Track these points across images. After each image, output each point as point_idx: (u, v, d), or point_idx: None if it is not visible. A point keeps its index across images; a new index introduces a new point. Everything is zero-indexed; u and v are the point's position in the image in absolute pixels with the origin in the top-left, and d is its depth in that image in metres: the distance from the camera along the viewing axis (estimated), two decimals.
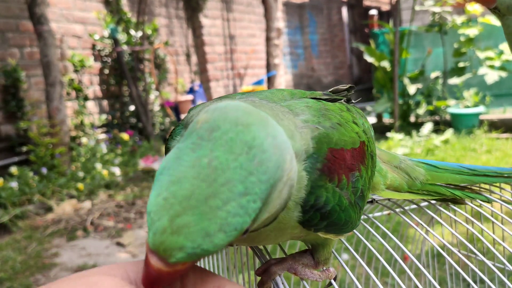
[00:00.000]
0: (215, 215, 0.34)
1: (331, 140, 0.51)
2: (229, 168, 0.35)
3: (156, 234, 0.34)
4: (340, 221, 0.52)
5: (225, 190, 0.34)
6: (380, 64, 6.79)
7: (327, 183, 0.49)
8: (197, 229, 0.34)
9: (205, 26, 8.15)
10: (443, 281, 1.84)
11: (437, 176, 0.77)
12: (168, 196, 0.34)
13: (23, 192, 4.19)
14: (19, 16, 5.26)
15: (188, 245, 0.34)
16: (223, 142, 0.36)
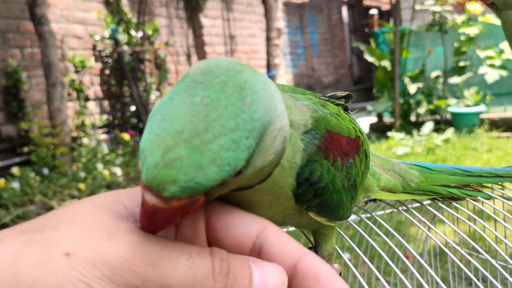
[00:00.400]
0: (207, 149, 0.34)
1: (329, 123, 0.53)
2: (220, 106, 0.35)
3: (149, 170, 0.34)
4: (332, 202, 0.53)
5: (217, 125, 0.35)
6: (381, 63, 6.79)
7: (323, 160, 0.50)
8: (190, 162, 0.34)
9: (205, 26, 8.16)
10: (445, 280, 1.84)
11: (431, 177, 0.77)
12: (160, 132, 0.34)
13: (25, 192, 4.19)
14: (20, 17, 5.27)
15: (181, 178, 0.34)
16: (215, 83, 0.37)
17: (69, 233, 0.34)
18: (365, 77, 12.64)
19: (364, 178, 0.64)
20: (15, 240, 0.34)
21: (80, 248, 0.33)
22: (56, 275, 0.32)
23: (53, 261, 0.32)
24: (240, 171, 0.37)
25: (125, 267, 0.33)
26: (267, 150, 0.40)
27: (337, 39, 12.23)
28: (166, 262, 0.34)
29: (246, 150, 0.36)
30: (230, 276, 0.36)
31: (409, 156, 5.39)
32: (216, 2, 8.50)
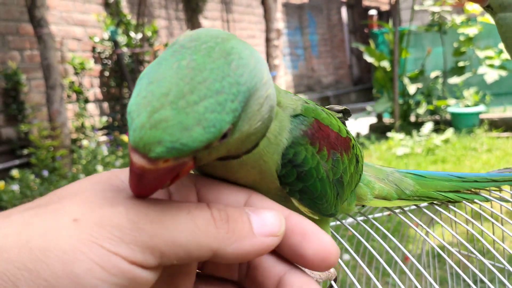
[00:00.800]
0: (192, 110, 0.35)
1: (319, 115, 0.54)
2: (206, 69, 0.36)
3: (135, 131, 0.35)
4: (316, 191, 0.53)
5: (202, 88, 0.35)
6: (380, 64, 6.80)
7: (308, 145, 0.51)
8: (175, 122, 0.34)
9: (205, 27, 8.16)
10: (444, 281, 1.84)
11: (426, 184, 0.77)
12: (147, 94, 0.35)
13: (25, 195, 4.20)
14: (19, 19, 5.27)
15: (167, 138, 0.34)
16: (202, 49, 0.37)
17: (73, 205, 0.36)
18: (365, 78, 12.64)
19: (354, 181, 0.64)
20: (22, 215, 0.35)
21: (86, 214, 0.35)
22: (67, 238, 0.33)
23: (63, 227, 0.34)
24: (225, 135, 0.38)
25: (132, 225, 0.34)
26: (253, 116, 0.40)
27: (336, 39, 12.23)
28: (168, 218, 0.36)
29: (231, 113, 0.36)
30: (230, 222, 0.37)
31: (409, 156, 5.39)
32: (216, 3, 8.51)
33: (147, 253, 0.34)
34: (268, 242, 0.38)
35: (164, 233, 0.35)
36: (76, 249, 0.33)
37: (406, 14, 9.35)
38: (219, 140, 0.38)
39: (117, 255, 0.34)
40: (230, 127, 0.37)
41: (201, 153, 0.39)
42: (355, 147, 0.63)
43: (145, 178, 0.36)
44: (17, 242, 0.33)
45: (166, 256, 0.35)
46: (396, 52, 6.35)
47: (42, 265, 0.32)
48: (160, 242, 0.35)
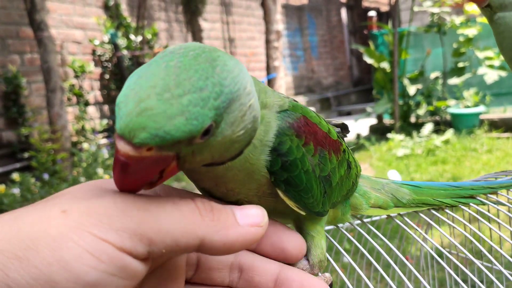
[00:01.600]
0: (177, 101, 0.37)
1: (307, 113, 0.57)
2: (192, 69, 0.39)
3: (122, 119, 0.37)
4: (301, 183, 0.54)
5: (187, 83, 0.38)
6: (380, 65, 6.80)
7: (294, 137, 0.53)
8: (160, 111, 0.37)
9: (204, 29, 8.17)
10: (444, 282, 1.84)
11: (422, 193, 0.78)
12: (135, 87, 0.38)
13: (25, 198, 4.20)
14: (19, 22, 5.28)
15: (151, 125, 0.36)
16: (190, 54, 0.41)
17: (61, 200, 0.37)
18: (365, 79, 12.65)
19: (346, 186, 0.65)
20: (13, 212, 0.37)
21: (74, 205, 0.36)
22: (56, 226, 0.34)
23: (52, 218, 0.35)
24: (207, 131, 0.40)
25: (120, 213, 0.35)
26: (236, 121, 0.43)
27: (336, 40, 12.24)
28: (154, 207, 0.37)
29: (214, 110, 0.39)
30: (214, 212, 0.39)
31: (409, 157, 5.39)
32: (215, 6, 8.52)
33: (135, 240, 0.35)
34: (253, 231, 0.40)
35: (152, 220, 0.36)
36: (65, 236, 0.33)
37: (406, 15, 9.35)
38: (201, 136, 0.40)
39: (106, 242, 0.34)
40: (212, 124, 0.40)
41: (184, 151, 0.40)
42: (347, 153, 0.65)
43: (129, 167, 0.38)
44: (7, 234, 0.34)
45: (154, 244, 0.35)
46: (396, 53, 6.35)
47: (32, 252, 0.33)
48: (148, 228, 0.35)
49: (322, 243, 0.62)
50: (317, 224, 0.63)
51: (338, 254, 1.78)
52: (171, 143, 0.38)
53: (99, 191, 0.39)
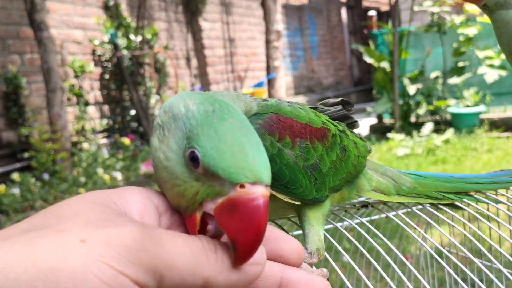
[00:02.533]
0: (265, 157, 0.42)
1: (280, 110, 0.59)
2: (250, 129, 0.43)
3: (256, 166, 0.40)
4: (284, 177, 0.57)
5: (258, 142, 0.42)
6: (380, 65, 6.80)
7: (266, 135, 0.56)
8: (266, 162, 0.41)
9: (204, 29, 8.17)
10: (443, 281, 1.84)
11: (425, 184, 0.79)
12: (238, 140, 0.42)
13: (25, 198, 4.20)
14: (19, 23, 5.28)
15: (268, 171, 0.41)
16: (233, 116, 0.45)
17: (76, 226, 0.36)
18: (365, 79, 12.65)
19: (343, 169, 0.66)
20: (23, 235, 0.35)
21: (93, 234, 0.35)
22: (77, 257, 0.33)
23: (71, 247, 0.34)
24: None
25: (137, 246, 0.36)
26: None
27: (336, 40, 12.24)
28: (168, 242, 0.38)
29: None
30: (218, 252, 0.40)
31: (409, 157, 5.39)
32: (215, 6, 8.52)
33: (149, 274, 0.35)
34: (254, 270, 0.41)
35: (165, 256, 0.36)
36: (86, 268, 0.33)
37: (406, 14, 9.35)
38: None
39: (124, 275, 0.34)
40: None
41: None
42: (339, 137, 0.67)
43: (266, 207, 0.39)
44: (23, 262, 0.33)
45: (164, 280, 0.36)
46: (396, 52, 6.35)
47: (52, 285, 0.32)
48: (161, 264, 0.36)
49: (320, 231, 0.64)
50: (316, 212, 0.64)
51: (337, 254, 1.78)
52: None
53: (113, 215, 0.39)
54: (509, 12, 0.85)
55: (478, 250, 1.36)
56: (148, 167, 5.39)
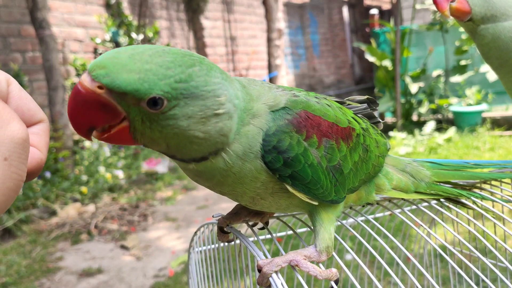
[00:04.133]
0: (141, 64, 0.45)
1: (309, 106, 0.58)
2: (173, 56, 0.47)
3: (96, 60, 0.45)
4: (307, 176, 0.56)
5: (160, 59, 0.46)
6: (382, 63, 6.78)
7: (293, 133, 0.55)
8: (123, 63, 0.45)
9: (206, 28, 8.16)
10: (447, 280, 1.84)
11: (442, 174, 0.78)
12: (123, 48, 0.47)
13: (27, 196, 4.20)
14: (20, 21, 5.28)
15: (110, 68, 0.44)
16: (186, 52, 0.49)
17: None
18: (367, 77, 12.62)
19: (363, 170, 0.65)
20: None
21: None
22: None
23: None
24: (156, 103, 0.46)
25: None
26: (194, 117, 0.48)
27: (338, 39, 12.22)
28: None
29: (168, 87, 0.46)
30: None
31: (411, 155, 5.38)
32: (217, 4, 8.51)
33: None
34: None
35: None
36: (11, 189, 0.39)
37: (408, 13, 9.33)
38: (148, 103, 0.45)
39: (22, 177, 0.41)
40: (162, 99, 0.46)
41: (133, 114, 0.46)
42: (363, 137, 0.65)
43: (79, 95, 0.45)
44: None
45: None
46: (398, 51, 6.34)
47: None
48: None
49: (331, 229, 0.63)
50: (330, 212, 0.64)
51: (341, 252, 1.78)
52: (117, 90, 0.44)
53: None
54: (497, 25, 0.85)
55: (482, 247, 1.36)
56: (149, 166, 5.39)
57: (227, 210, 0.76)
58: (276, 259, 0.60)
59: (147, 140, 0.49)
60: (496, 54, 0.88)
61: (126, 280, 2.92)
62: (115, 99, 0.46)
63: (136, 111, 0.47)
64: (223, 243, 0.79)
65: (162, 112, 0.47)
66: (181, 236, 3.63)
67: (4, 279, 3.00)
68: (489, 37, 0.87)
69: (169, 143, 0.50)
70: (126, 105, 0.46)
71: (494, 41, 0.87)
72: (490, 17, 0.85)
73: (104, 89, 0.45)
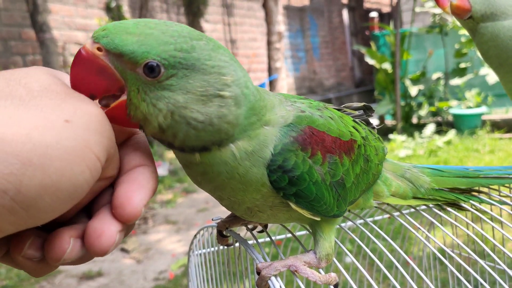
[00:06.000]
0: (143, 29, 0.45)
1: (314, 122, 0.57)
2: (181, 28, 0.46)
3: (101, 27, 0.45)
4: (311, 194, 0.55)
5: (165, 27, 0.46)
6: (382, 66, 6.79)
7: (299, 151, 0.53)
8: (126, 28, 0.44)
9: (206, 31, 8.18)
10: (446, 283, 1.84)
11: (442, 181, 0.78)
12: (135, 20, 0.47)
13: None
14: (21, 24, 5.29)
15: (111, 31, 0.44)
16: (196, 32, 0.48)
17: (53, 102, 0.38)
18: (367, 80, 12.63)
19: (364, 180, 0.65)
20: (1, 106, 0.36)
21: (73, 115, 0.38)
22: (67, 139, 0.36)
23: (59, 127, 0.36)
24: (152, 70, 0.44)
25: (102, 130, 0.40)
26: (193, 93, 0.46)
27: (338, 42, 12.23)
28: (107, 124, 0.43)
29: (167, 54, 0.44)
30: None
31: (411, 158, 5.38)
32: (217, 7, 8.53)
33: (105, 155, 0.40)
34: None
35: (112, 137, 0.43)
36: (75, 152, 0.36)
37: (407, 16, 9.35)
38: (144, 69, 0.44)
39: (100, 161, 0.38)
40: (159, 65, 0.44)
41: (130, 81, 0.45)
42: (363, 147, 0.65)
43: (80, 57, 0.44)
44: (17, 135, 0.33)
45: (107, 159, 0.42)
46: (398, 54, 6.35)
47: (47, 161, 0.34)
48: (111, 145, 0.42)
49: (331, 237, 0.63)
50: (330, 223, 0.63)
51: (340, 255, 1.78)
52: (114, 51, 0.44)
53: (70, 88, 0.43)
54: (496, 24, 0.86)
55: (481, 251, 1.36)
56: None
57: (227, 213, 0.76)
58: (275, 263, 0.60)
59: (140, 115, 0.46)
60: (495, 52, 0.88)
61: (126, 283, 2.92)
62: (112, 63, 0.44)
63: (132, 78, 0.45)
64: (223, 246, 0.79)
65: (159, 81, 0.45)
66: (181, 239, 3.63)
67: (4, 282, 2.99)
68: (488, 35, 0.87)
69: (164, 121, 0.46)
70: (123, 70, 0.45)
71: (493, 40, 0.87)
72: (489, 16, 0.86)
73: (102, 51, 0.44)
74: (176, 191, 5.03)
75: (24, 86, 0.38)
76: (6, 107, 0.35)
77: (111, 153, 0.41)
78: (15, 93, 0.37)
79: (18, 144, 0.33)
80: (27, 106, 0.36)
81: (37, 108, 0.36)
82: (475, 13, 0.86)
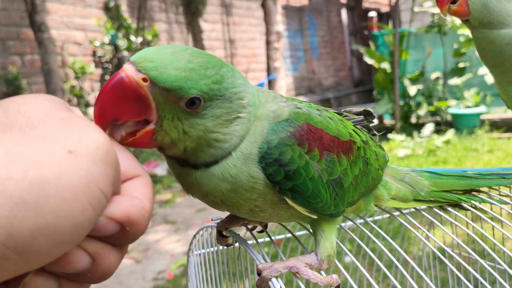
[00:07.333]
0: (185, 63, 0.46)
1: (311, 119, 0.58)
2: (208, 58, 0.49)
3: (139, 53, 0.46)
4: (307, 190, 0.55)
5: (200, 60, 0.48)
6: (380, 65, 6.79)
7: (295, 146, 0.54)
8: (170, 61, 0.45)
9: (205, 30, 8.17)
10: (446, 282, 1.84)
11: (441, 183, 0.78)
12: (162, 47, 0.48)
13: None
14: (19, 24, 5.28)
15: (158, 63, 0.45)
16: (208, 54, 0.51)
17: (56, 131, 0.35)
18: (366, 79, 12.64)
19: (363, 183, 0.65)
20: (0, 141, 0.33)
21: (77, 145, 0.35)
22: (67, 173, 0.33)
23: (60, 160, 0.33)
24: (193, 103, 0.46)
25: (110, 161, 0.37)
26: (220, 118, 0.49)
27: (337, 41, 12.23)
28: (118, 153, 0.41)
29: (207, 87, 0.47)
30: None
31: (410, 158, 5.38)
32: (216, 7, 8.52)
33: (111, 189, 0.37)
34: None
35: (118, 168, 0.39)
36: (75, 188, 0.33)
37: (406, 15, 9.35)
38: (186, 103, 0.46)
39: (105, 195, 0.35)
40: (200, 98, 0.46)
41: (167, 112, 0.46)
42: (363, 150, 0.65)
43: (121, 82, 0.43)
44: (13, 173, 0.30)
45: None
46: (396, 53, 6.35)
47: (42, 200, 0.31)
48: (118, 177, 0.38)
49: (332, 238, 0.63)
50: (331, 223, 0.63)
51: (339, 254, 1.77)
52: (163, 85, 0.44)
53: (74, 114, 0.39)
54: (492, 32, 0.86)
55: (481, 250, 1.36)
56: (148, 168, 5.39)
57: (226, 214, 0.76)
58: (276, 265, 0.59)
59: (168, 140, 0.48)
60: (490, 55, 0.89)
61: (125, 283, 2.92)
62: (153, 94, 0.45)
63: (170, 109, 0.47)
64: (222, 246, 0.79)
65: (196, 112, 0.47)
66: (180, 239, 3.62)
67: None
68: (483, 39, 0.88)
69: (190, 145, 0.49)
70: (163, 102, 0.46)
71: (489, 45, 0.88)
72: (486, 24, 0.86)
73: (147, 82, 0.44)
74: (175, 191, 5.03)
75: (23, 114, 0.35)
76: (5, 140, 0.33)
77: (116, 186, 0.38)
78: (14, 123, 0.35)
79: (12, 182, 0.30)
80: (27, 138, 0.34)
81: (38, 139, 0.34)
82: (472, 19, 0.87)
